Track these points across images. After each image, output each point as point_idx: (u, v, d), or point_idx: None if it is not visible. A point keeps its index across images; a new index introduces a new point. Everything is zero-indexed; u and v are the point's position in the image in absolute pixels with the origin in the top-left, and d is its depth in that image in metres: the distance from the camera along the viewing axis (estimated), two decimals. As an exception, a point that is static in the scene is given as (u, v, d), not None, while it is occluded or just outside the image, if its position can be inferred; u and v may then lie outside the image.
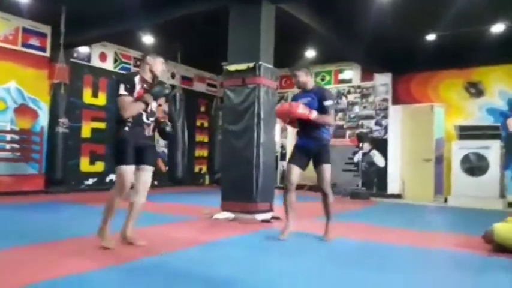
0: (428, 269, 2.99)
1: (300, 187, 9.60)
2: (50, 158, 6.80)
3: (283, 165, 10.08)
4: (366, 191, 8.63)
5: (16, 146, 6.97)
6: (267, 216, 4.89)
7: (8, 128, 6.88)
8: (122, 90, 3.05)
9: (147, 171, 3.25)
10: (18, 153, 6.99)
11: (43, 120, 7.25)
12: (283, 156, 10.11)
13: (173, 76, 9.73)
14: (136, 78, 3.15)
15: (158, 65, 3.27)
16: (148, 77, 3.23)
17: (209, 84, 11.12)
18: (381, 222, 5.24)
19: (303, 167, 3.78)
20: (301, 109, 3.59)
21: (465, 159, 7.48)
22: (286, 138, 10.27)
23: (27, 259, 2.81)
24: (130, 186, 3.12)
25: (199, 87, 10.77)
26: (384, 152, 8.88)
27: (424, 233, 4.52)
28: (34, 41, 7.25)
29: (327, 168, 3.69)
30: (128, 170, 3.08)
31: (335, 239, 3.70)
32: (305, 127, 3.75)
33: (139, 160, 3.17)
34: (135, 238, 3.26)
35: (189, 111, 8.72)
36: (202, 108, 10.85)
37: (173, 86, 8.98)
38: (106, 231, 3.14)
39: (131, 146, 3.09)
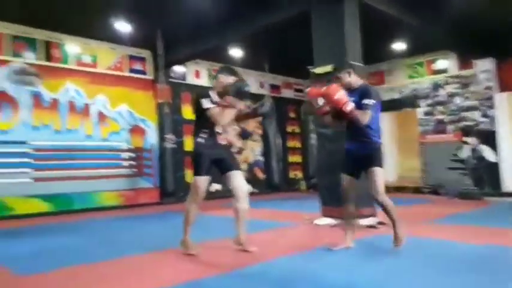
0: None
1: (400, 189, 9.20)
2: (161, 172, 7.46)
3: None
4: (477, 190, 7.90)
5: (132, 163, 7.80)
6: (371, 221, 4.76)
7: (125, 147, 7.73)
8: (207, 104, 3.23)
9: (236, 176, 3.37)
10: (135, 169, 7.81)
11: (152, 137, 8.01)
12: (378, 156, 9.71)
13: (262, 86, 10.01)
14: (212, 93, 3.34)
15: (225, 81, 3.37)
16: (221, 92, 3.37)
17: (296, 90, 11.21)
18: (499, 224, 4.76)
19: (354, 174, 3.42)
20: (339, 95, 3.17)
21: None
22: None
23: (146, 266, 3.14)
24: (203, 196, 3.34)
25: (287, 93, 10.92)
26: (493, 146, 8.06)
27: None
28: (138, 66, 8.07)
29: (377, 171, 3.27)
30: (201, 180, 3.30)
31: (402, 243, 3.35)
32: (352, 129, 3.38)
33: (223, 169, 3.38)
34: (247, 244, 3.40)
35: (279, 119, 8.90)
36: (292, 114, 10.96)
37: (262, 96, 9.26)
38: (188, 240, 3.39)
39: (205, 158, 3.29)
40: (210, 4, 6.01)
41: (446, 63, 8.81)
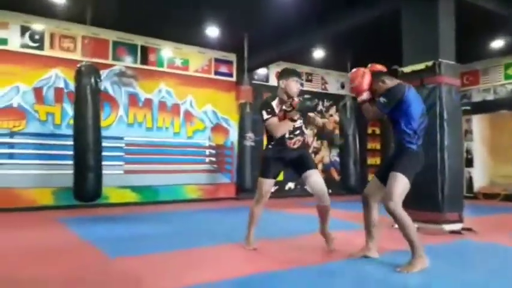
0: None
1: (490, 196, 8.50)
2: (239, 169, 7.78)
3: (469, 171, 9.04)
4: None
5: (213, 159, 8.26)
6: (456, 227, 4.50)
7: (207, 144, 8.22)
8: (265, 115, 3.28)
9: (312, 175, 3.38)
10: (216, 165, 8.26)
11: (233, 136, 8.39)
12: (468, 162, 9.06)
13: (343, 86, 9.90)
14: (274, 103, 3.34)
15: (292, 86, 3.35)
16: (285, 98, 3.35)
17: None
18: None
19: (382, 177, 3.11)
20: (357, 81, 3.16)
21: None
22: (472, 141, 9.18)
23: (223, 255, 3.36)
24: (267, 197, 3.45)
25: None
26: None
27: None
28: (223, 69, 8.50)
29: (397, 177, 2.91)
30: (266, 182, 3.40)
31: (411, 271, 2.81)
32: (392, 131, 3.19)
33: (299, 170, 3.41)
34: (330, 239, 3.48)
35: (360, 119, 8.71)
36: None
37: (343, 96, 9.16)
38: (251, 237, 3.52)
39: (272, 161, 3.39)
40: (294, 7, 6.12)
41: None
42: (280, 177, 9.11)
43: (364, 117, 3.41)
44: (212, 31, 7.27)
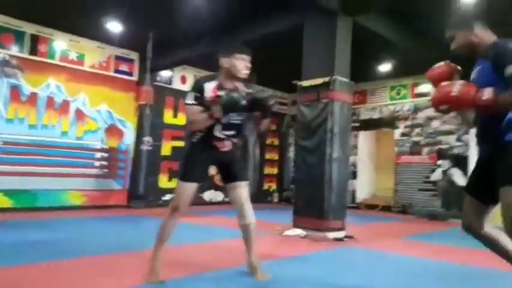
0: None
1: (371, 207, 9.38)
2: (133, 175, 7.36)
3: (354, 184, 9.84)
4: (444, 211, 8.09)
5: (105, 163, 7.68)
6: (339, 234, 4.82)
7: (99, 147, 7.63)
8: (189, 99, 2.56)
9: (242, 188, 2.76)
10: (107, 170, 7.70)
11: (129, 139, 7.93)
12: (353, 174, 9.86)
13: (246, 96, 10.07)
14: (208, 85, 2.58)
15: (238, 66, 2.60)
16: (228, 82, 2.63)
17: (280, 103, 11.29)
18: (464, 244, 4.88)
19: (481, 197, 2.11)
20: (456, 89, 1.98)
21: None
22: (357, 155, 10.02)
23: (122, 264, 3.08)
24: (187, 206, 2.67)
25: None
26: (464, 170, 8.28)
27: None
28: (124, 67, 8.03)
29: (506, 194, 1.91)
30: (187, 186, 2.63)
31: None
32: (479, 121, 2.13)
33: (228, 178, 2.78)
34: (258, 269, 2.78)
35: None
36: (273, 127, 11.03)
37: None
38: (156, 264, 2.63)
39: (198, 160, 2.65)
40: (204, 12, 6.03)
41: (429, 87, 9.04)
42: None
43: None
44: (114, 26, 6.81)
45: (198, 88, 2.58)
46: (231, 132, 2.70)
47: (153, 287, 2.50)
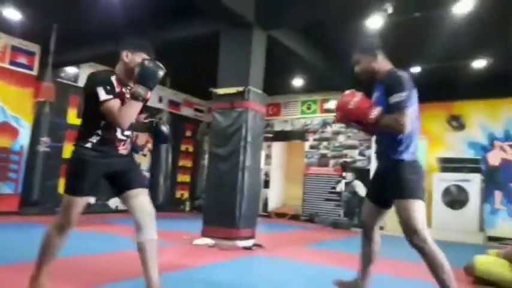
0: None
1: (281, 215, 9.66)
2: (27, 178, 6.60)
3: (266, 193, 10.05)
4: (347, 221, 8.62)
5: (-7, 164, 6.80)
6: (248, 243, 4.82)
7: (-13, 146, 6.74)
8: (103, 94, 2.17)
9: (143, 195, 2.36)
10: (-5, 172, 6.82)
11: (24, 139, 7.12)
12: (266, 183, 10.09)
13: (160, 100, 9.75)
14: (113, 78, 2.28)
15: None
16: (125, 78, 2.35)
17: (196, 109, 11.15)
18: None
19: (376, 202, 2.54)
20: (354, 102, 2.31)
21: (446, 192, 7.57)
22: (270, 165, 10.26)
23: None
24: (75, 222, 2.28)
25: (186, 111, 10.78)
26: (366, 183, 8.93)
27: (405, 264, 4.50)
28: (22, 59, 7.22)
29: (404, 207, 2.26)
30: (78, 202, 2.23)
31: None
32: (378, 141, 2.52)
33: (121, 185, 2.35)
34: None
35: (174, 136, 8.68)
36: (188, 133, 10.83)
37: (160, 110, 9.01)
38: (41, 281, 2.26)
39: (92, 169, 2.23)
40: (117, 7, 5.68)
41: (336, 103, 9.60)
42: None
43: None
44: (11, 13, 6.11)
45: (105, 81, 2.22)
46: (129, 132, 2.38)
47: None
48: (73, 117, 8.00)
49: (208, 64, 5.80)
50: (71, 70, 7.94)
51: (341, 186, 9.19)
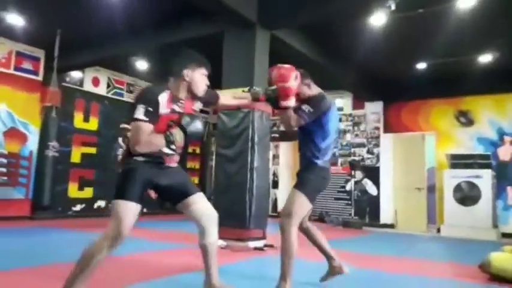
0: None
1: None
2: (37, 183, 6.61)
3: (275, 193, 10.00)
4: (358, 220, 8.54)
5: (3, 169, 6.81)
6: (259, 243, 4.77)
7: (-4, 152, 6.76)
8: (139, 113, 2.08)
9: (203, 200, 2.42)
10: (5, 177, 6.83)
11: (32, 144, 7.14)
12: (275, 183, 10.04)
13: (166, 102, 9.73)
14: (163, 97, 2.17)
15: (199, 82, 2.36)
16: (183, 96, 2.32)
17: (202, 111, 11.08)
18: (374, 251, 5.15)
19: None
20: (290, 84, 2.59)
21: (457, 188, 7.47)
22: (278, 165, 10.21)
23: (12, 282, 2.67)
24: (127, 232, 2.10)
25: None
26: (376, 181, 8.86)
27: (420, 262, 4.44)
28: (27, 65, 7.24)
29: (293, 193, 2.75)
30: (129, 207, 2.12)
31: None
32: (300, 141, 3.00)
33: (178, 196, 2.37)
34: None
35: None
36: (194, 135, 10.80)
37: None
38: None
39: (143, 178, 2.20)
40: (120, 12, 5.66)
41: (342, 101, 9.54)
42: (89, 193, 8.31)
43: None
44: (15, 19, 6.12)
45: (150, 100, 2.12)
46: (175, 147, 2.33)
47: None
48: (79, 121, 8.02)
49: (212, 65, 5.75)
50: (75, 74, 7.95)
51: (350, 185, 9.12)
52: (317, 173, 2.75)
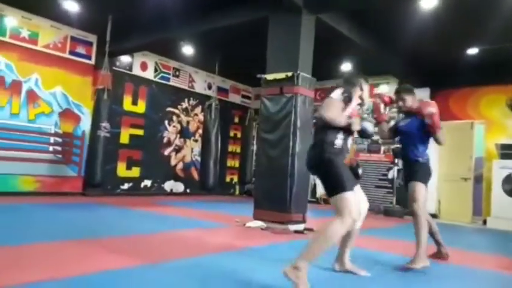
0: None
1: (329, 201, 9.55)
2: (89, 162, 7.03)
3: (314, 178, 9.98)
4: (400, 208, 8.40)
5: (59, 148, 7.30)
6: (300, 227, 4.86)
7: (53, 131, 7.23)
8: (337, 94, 2.59)
9: (360, 191, 2.90)
10: (61, 156, 7.32)
11: (85, 124, 7.58)
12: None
13: (210, 87, 9.93)
14: (356, 93, 2.77)
15: (367, 94, 2.95)
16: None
17: (244, 96, 11.25)
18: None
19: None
20: (437, 116, 3.33)
21: (507, 180, 7.15)
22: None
23: (72, 252, 2.93)
24: (357, 220, 2.58)
25: (234, 98, 10.91)
26: (419, 170, 8.62)
27: (464, 253, 4.35)
28: (81, 49, 7.63)
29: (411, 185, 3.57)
30: (353, 196, 2.50)
31: None
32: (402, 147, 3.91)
33: None
34: (354, 267, 2.94)
35: (223, 122, 8.87)
36: (236, 119, 10.98)
37: (209, 97, 9.21)
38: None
39: (344, 166, 2.57)
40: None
41: (387, 87, 9.29)
42: (136, 173, 8.70)
43: (226, 120, 3.17)
44: (70, 5, 6.45)
45: (349, 93, 2.65)
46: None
47: None
48: (128, 104, 8.38)
49: (256, 50, 5.81)
50: (125, 59, 8.28)
51: (393, 173, 8.95)
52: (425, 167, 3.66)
